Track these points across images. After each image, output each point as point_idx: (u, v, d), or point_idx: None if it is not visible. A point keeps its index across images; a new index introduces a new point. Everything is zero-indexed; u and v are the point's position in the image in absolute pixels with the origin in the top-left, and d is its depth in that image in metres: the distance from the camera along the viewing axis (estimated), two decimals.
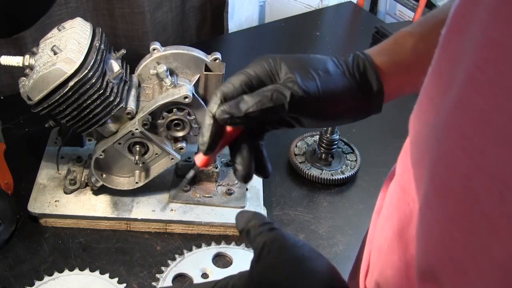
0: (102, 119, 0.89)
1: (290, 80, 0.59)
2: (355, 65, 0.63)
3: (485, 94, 0.34)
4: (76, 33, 0.89)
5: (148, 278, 0.92)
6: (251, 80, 0.61)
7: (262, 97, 0.58)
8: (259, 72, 0.62)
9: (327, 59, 0.64)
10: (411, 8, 1.87)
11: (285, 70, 0.61)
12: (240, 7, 1.69)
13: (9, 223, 0.96)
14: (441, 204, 0.39)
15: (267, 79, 0.61)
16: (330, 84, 0.61)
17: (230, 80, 0.62)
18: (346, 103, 0.62)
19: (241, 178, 0.61)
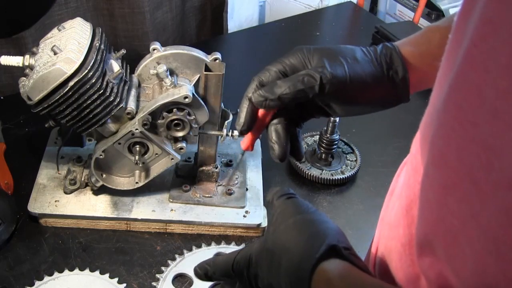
0: (102, 119, 0.89)
1: (320, 65, 0.64)
2: (382, 53, 0.67)
3: (479, 69, 0.36)
4: (76, 33, 0.89)
5: (148, 278, 0.92)
6: (286, 68, 0.67)
7: (294, 81, 0.63)
8: (294, 61, 0.67)
9: (356, 48, 0.68)
10: (411, 8, 1.87)
11: (316, 58, 0.66)
12: (240, 7, 1.69)
13: (9, 223, 0.96)
14: (437, 174, 0.42)
15: (300, 67, 0.66)
16: (357, 69, 0.65)
17: (267, 68, 0.68)
18: (373, 89, 0.66)
19: (277, 156, 0.66)
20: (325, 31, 1.65)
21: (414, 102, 0.73)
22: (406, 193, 0.55)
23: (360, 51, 0.67)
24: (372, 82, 0.65)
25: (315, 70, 0.64)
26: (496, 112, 0.35)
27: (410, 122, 1.34)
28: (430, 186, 0.43)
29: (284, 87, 0.63)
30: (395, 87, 0.67)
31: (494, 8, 0.35)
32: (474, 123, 0.37)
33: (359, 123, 1.27)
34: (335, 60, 0.64)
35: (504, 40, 0.34)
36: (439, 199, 0.42)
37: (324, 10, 1.76)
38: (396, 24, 1.72)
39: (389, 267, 0.58)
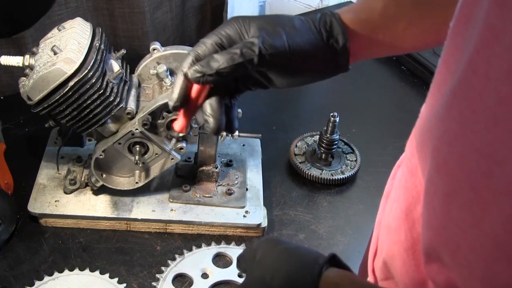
0: (102, 119, 0.89)
1: (258, 36, 0.61)
2: (321, 21, 0.64)
3: (480, 75, 0.36)
4: (76, 33, 0.89)
5: (148, 278, 0.92)
6: (222, 39, 0.63)
7: (232, 54, 0.60)
8: (230, 32, 0.63)
9: (294, 17, 0.65)
10: None
11: (253, 28, 0.62)
12: (240, 7, 1.69)
13: (9, 223, 0.96)
14: (441, 181, 0.41)
15: (237, 38, 0.63)
16: (296, 38, 0.62)
17: (202, 40, 0.64)
18: (312, 58, 0.63)
19: (212, 130, 0.64)
20: None
21: (414, 102, 0.73)
22: (405, 196, 0.55)
23: (298, 20, 0.64)
24: (311, 51, 0.63)
25: (252, 41, 0.61)
26: (496, 118, 0.35)
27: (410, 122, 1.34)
28: (435, 194, 0.43)
29: (222, 61, 0.60)
30: (335, 55, 0.64)
31: (497, 15, 0.35)
32: (474, 131, 0.37)
33: (359, 123, 1.28)
34: (273, 30, 0.61)
35: (506, 46, 0.34)
36: (443, 207, 0.42)
37: (324, 10, 1.76)
38: None
39: (393, 272, 0.58)
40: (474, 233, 0.38)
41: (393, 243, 0.57)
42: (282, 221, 1.04)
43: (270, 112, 1.31)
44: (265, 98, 1.36)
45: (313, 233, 1.02)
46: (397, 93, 1.43)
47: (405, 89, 1.42)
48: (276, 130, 1.25)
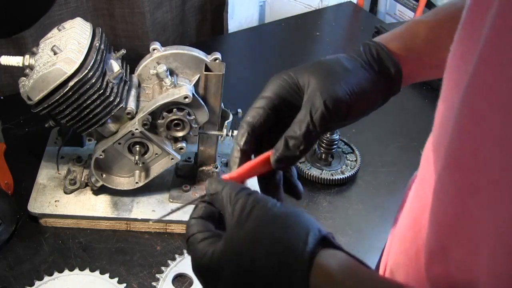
0: (102, 119, 0.89)
1: (317, 92, 0.58)
2: (368, 54, 0.63)
3: (493, 67, 0.36)
4: (76, 33, 0.89)
5: (148, 278, 0.92)
6: (274, 102, 0.61)
7: (305, 127, 0.57)
8: (280, 91, 0.61)
9: (339, 57, 0.63)
10: (411, 8, 1.86)
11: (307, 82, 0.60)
12: (240, 7, 1.69)
13: (9, 223, 0.96)
14: (453, 177, 0.41)
15: (288, 96, 0.61)
16: (353, 81, 0.60)
17: (253, 108, 0.61)
18: (372, 94, 0.62)
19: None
20: (325, 31, 1.65)
21: (414, 102, 0.73)
22: (415, 204, 0.54)
23: (345, 59, 0.63)
24: (370, 88, 0.61)
25: (317, 108, 0.57)
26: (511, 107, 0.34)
27: (410, 122, 1.34)
28: (445, 191, 0.42)
29: (299, 139, 0.57)
30: (390, 83, 0.63)
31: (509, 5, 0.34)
32: (490, 123, 0.36)
33: (359, 123, 1.27)
34: (329, 80, 0.59)
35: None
36: (455, 203, 0.41)
37: (324, 10, 1.76)
38: (396, 24, 1.72)
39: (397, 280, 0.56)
40: (489, 225, 0.38)
41: (399, 252, 0.56)
42: None
43: None
44: None
45: None
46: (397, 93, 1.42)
47: (405, 89, 1.41)
48: None
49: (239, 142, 0.60)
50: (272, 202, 0.51)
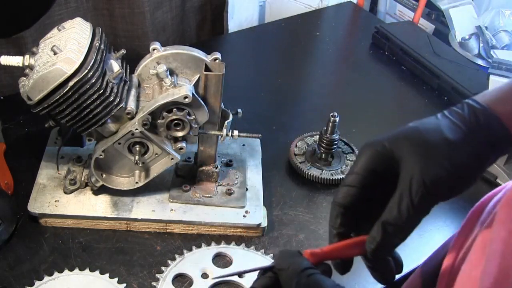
0: (102, 119, 0.89)
1: (418, 177, 0.52)
2: (474, 121, 0.55)
3: None
4: (76, 33, 0.89)
5: (148, 278, 0.92)
6: (365, 177, 0.57)
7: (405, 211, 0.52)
8: (371, 165, 0.56)
9: (440, 126, 0.56)
10: (411, 8, 1.87)
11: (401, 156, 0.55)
12: (240, 7, 1.69)
13: (9, 223, 0.96)
14: None
15: (381, 169, 0.56)
16: (457, 157, 0.54)
17: (344, 186, 0.57)
18: (477, 171, 0.56)
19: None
20: (325, 31, 1.65)
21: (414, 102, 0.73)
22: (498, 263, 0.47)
23: (448, 128, 0.55)
24: (475, 164, 0.54)
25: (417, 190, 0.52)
26: None
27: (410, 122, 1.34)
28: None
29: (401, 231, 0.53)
30: (499, 153, 0.56)
31: None
32: None
33: (359, 123, 1.28)
34: (429, 154, 0.53)
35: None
36: None
37: (324, 10, 1.76)
38: (396, 24, 1.72)
39: None
40: None
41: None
42: (282, 221, 1.04)
43: (270, 112, 1.31)
44: (265, 98, 1.36)
45: (313, 233, 1.02)
46: (397, 93, 1.43)
47: (405, 89, 1.42)
48: (276, 130, 1.25)
49: (334, 225, 0.58)
50: (331, 283, 0.51)
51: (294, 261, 0.54)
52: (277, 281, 0.55)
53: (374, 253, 0.54)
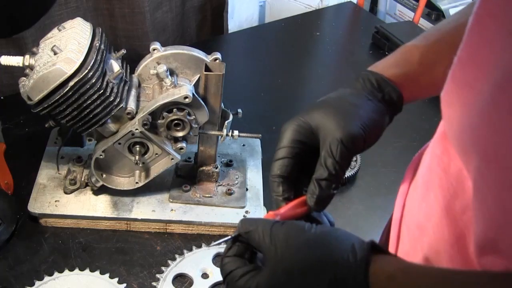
0: (102, 119, 0.89)
1: (335, 137, 0.60)
2: (368, 84, 0.66)
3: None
4: (76, 33, 0.89)
5: (148, 278, 0.92)
6: (293, 149, 0.63)
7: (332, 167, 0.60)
8: (298, 137, 0.64)
9: (344, 95, 0.66)
10: (411, 8, 1.87)
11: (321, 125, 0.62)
12: (240, 7, 1.69)
13: (9, 223, 0.96)
14: (493, 175, 0.41)
15: (305, 139, 0.63)
16: (363, 113, 0.63)
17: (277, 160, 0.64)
18: (381, 122, 0.65)
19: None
20: (325, 31, 1.65)
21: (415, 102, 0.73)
22: (441, 194, 0.54)
23: (351, 95, 0.66)
24: (378, 117, 0.65)
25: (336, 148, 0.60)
26: None
27: (410, 122, 1.34)
28: (487, 188, 0.43)
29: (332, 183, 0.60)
30: (393, 107, 0.67)
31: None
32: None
33: None
34: (341, 117, 0.62)
35: None
36: (497, 200, 0.42)
37: (324, 10, 1.76)
38: (396, 24, 1.72)
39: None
40: None
41: (436, 241, 0.56)
42: None
43: (270, 112, 1.31)
44: (265, 98, 1.36)
45: None
46: None
47: None
48: (276, 130, 1.25)
49: (278, 196, 0.63)
50: (308, 225, 0.52)
51: (260, 221, 0.55)
52: (249, 247, 0.56)
53: (317, 205, 0.61)
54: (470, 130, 0.46)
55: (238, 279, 0.52)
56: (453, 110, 0.50)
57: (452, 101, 0.50)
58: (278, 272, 0.50)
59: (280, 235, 0.51)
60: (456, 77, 0.49)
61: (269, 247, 0.52)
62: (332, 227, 0.52)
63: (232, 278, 0.53)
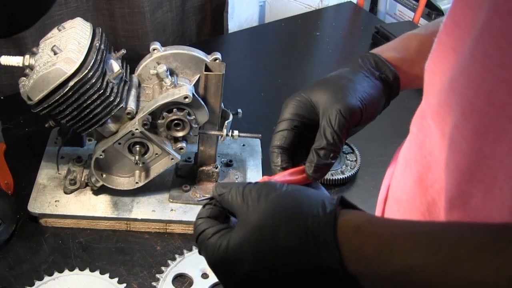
0: (102, 119, 0.89)
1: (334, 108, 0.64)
2: (367, 63, 0.69)
3: (503, 14, 0.39)
4: (76, 33, 0.89)
5: (148, 278, 0.92)
6: (293, 122, 0.67)
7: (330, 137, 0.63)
8: (299, 111, 0.67)
9: (342, 72, 0.69)
10: (411, 8, 1.87)
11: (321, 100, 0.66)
12: (240, 7, 1.69)
13: (9, 223, 0.96)
14: (469, 123, 0.44)
15: (305, 113, 0.67)
16: (361, 89, 0.66)
17: (277, 132, 0.67)
18: (378, 98, 0.69)
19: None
20: (325, 31, 1.65)
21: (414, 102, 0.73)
22: (415, 168, 0.57)
23: (349, 72, 0.68)
24: (375, 93, 0.68)
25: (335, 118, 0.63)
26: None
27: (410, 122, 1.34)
28: (462, 137, 0.45)
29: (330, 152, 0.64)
30: (390, 87, 0.70)
31: None
32: (502, 65, 0.39)
33: None
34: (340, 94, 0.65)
35: None
36: (472, 146, 0.44)
37: (324, 10, 1.76)
38: (396, 24, 1.72)
39: None
40: (510, 159, 0.40)
41: (409, 210, 0.59)
42: None
43: (270, 112, 1.31)
44: (265, 98, 1.36)
45: None
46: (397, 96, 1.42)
47: None
48: None
49: (276, 165, 0.66)
50: (279, 183, 0.53)
51: (234, 183, 0.55)
52: (223, 210, 0.56)
53: (315, 173, 0.64)
54: (450, 89, 0.47)
55: (210, 237, 0.52)
56: (436, 76, 0.52)
57: (436, 67, 0.52)
58: (249, 228, 0.50)
59: (252, 193, 0.52)
60: (442, 43, 0.50)
61: (241, 205, 0.52)
62: (304, 187, 0.53)
63: (204, 237, 0.53)
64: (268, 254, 0.48)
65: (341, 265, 0.45)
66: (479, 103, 0.42)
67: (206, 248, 0.53)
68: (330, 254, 0.46)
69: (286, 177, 0.64)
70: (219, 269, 0.52)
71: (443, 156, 0.49)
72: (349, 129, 0.65)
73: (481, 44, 0.42)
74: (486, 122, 0.42)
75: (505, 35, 0.39)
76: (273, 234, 0.48)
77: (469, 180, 0.45)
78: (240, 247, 0.50)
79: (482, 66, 0.41)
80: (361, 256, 0.45)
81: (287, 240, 0.48)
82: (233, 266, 0.50)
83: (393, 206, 0.65)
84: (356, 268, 0.45)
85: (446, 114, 0.48)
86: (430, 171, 0.54)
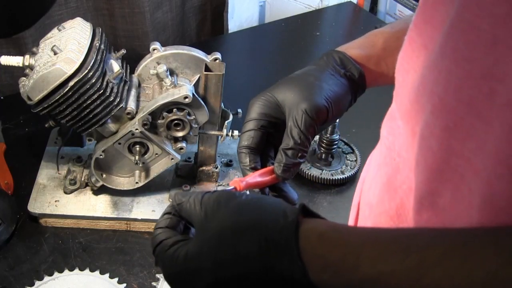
0: (102, 119, 0.89)
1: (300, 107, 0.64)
2: (331, 61, 0.69)
3: (472, 7, 0.38)
4: (76, 33, 0.89)
5: (148, 278, 0.92)
6: (260, 122, 0.66)
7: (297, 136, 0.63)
8: (265, 111, 0.67)
9: (309, 70, 0.69)
10: (411, 8, 1.86)
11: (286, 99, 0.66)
12: (240, 7, 1.69)
13: (9, 223, 0.96)
14: (438, 120, 0.43)
15: (271, 112, 0.67)
16: (327, 86, 0.66)
17: (244, 133, 0.66)
18: (344, 96, 0.68)
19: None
20: (325, 31, 1.65)
21: None
22: (384, 171, 0.57)
23: (315, 70, 0.68)
24: (341, 91, 0.67)
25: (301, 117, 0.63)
26: (496, 39, 0.36)
27: None
28: (431, 134, 0.44)
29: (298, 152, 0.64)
30: (355, 85, 0.69)
31: None
32: (470, 59, 0.39)
33: (359, 123, 1.27)
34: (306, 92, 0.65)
35: None
36: (441, 143, 0.43)
37: (324, 10, 1.76)
38: None
39: None
40: (478, 157, 0.40)
41: (378, 214, 0.58)
42: None
43: None
44: None
45: None
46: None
47: None
48: None
49: (245, 166, 0.66)
50: (239, 192, 0.53)
51: (193, 192, 0.54)
52: (182, 220, 0.54)
53: (284, 173, 0.64)
54: (421, 86, 0.47)
55: (167, 249, 0.50)
56: (408, 75, 0.51)
57: (409, 65, 0.51)
58: (207, 236, 0.48)
59: (211, 201, 0.50)
60: (413, 41, 0.50)
61: (199, 214, 0.50)
62: (264, 195, 0.52)
63: (162, 248, 0.51)
64: (228, 262, 0.46)
65: (304, 275, 0.43)
66: (448, 99, 0.41)
67: (163, 260, 0.51)
68: (293, 263, 0.44)
69: (256, 178, 0.64)
70: (177, 282, 0.50)
71: (412, 156, 0.49)
72: (316, 128, 0.65)
73: (451, 38, 0.41)
74: (454, 118, 0.41)
75: (473, 28, 0.38)
76: (233, 241, 0.47)
77: (438, 179, 0.44)
78: (198, 255, 0.48)
79: (451, 61, 0.41)
80: (326, 264, 0.43)
81: (247, 247, 0.46)
82: (192, 277, 0.48)
83: (365, 211, 0.64)
84: (321, 277, 0.43)
85: (416, 112, 0.48)
86: (398, 172, 0.53)
